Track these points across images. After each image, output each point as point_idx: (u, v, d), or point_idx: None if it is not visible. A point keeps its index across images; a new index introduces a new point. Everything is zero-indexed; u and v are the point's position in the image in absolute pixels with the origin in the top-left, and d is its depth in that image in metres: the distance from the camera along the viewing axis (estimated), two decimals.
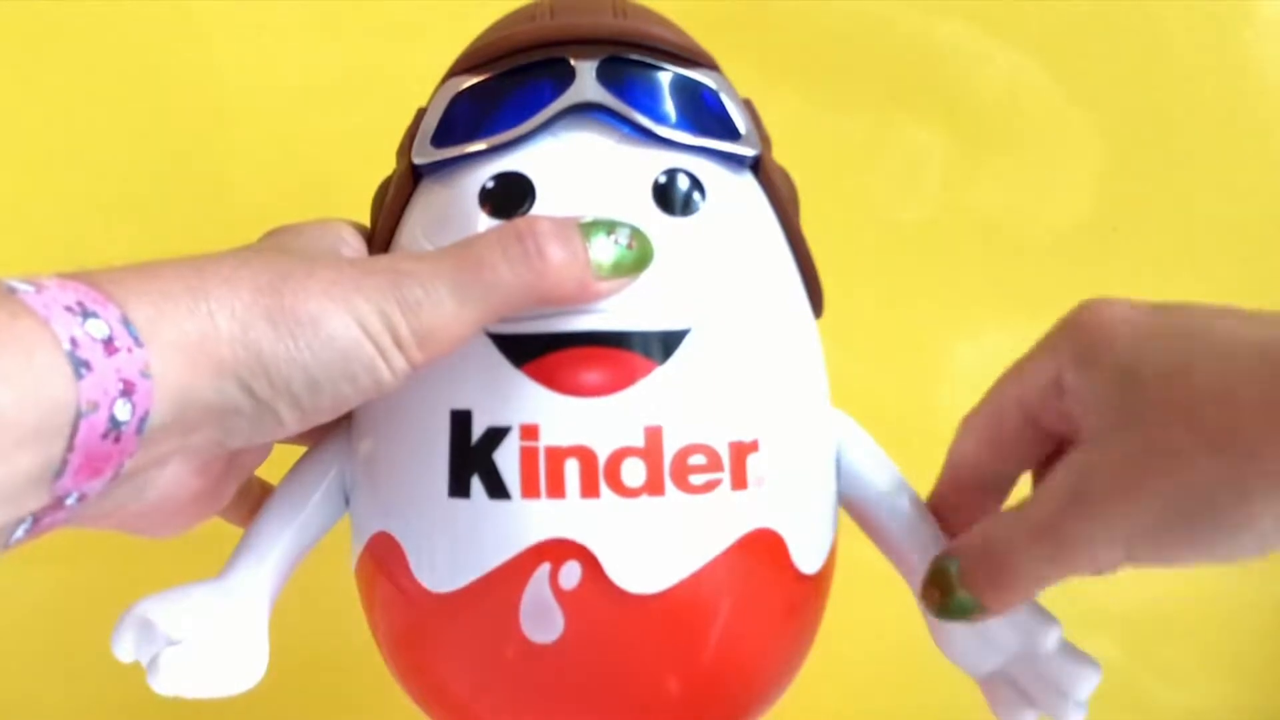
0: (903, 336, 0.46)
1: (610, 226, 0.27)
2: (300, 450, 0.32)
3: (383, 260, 0.27)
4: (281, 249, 0.28)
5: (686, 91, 0.30)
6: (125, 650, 0.28)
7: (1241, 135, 0.51)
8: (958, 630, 0.30)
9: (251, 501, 0.33)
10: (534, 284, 0.26)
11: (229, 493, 0.31)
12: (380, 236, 0.31)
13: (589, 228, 0.27)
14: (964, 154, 0.50)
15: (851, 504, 0.32)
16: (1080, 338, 0.27)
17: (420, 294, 0.25)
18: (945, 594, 0.28)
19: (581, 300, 0.27)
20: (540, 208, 0.29)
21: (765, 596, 0.29)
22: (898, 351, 0.46)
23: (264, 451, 0.32)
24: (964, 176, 0.48)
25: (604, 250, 0.27)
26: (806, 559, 0.30)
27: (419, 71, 0.33)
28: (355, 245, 0.30)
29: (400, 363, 0.25)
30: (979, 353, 0.50)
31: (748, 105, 0.32)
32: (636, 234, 0.27)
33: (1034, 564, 0.26)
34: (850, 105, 0.50)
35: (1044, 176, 0.42)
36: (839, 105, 0.50)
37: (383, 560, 0.30)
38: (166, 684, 0.27)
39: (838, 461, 0.32)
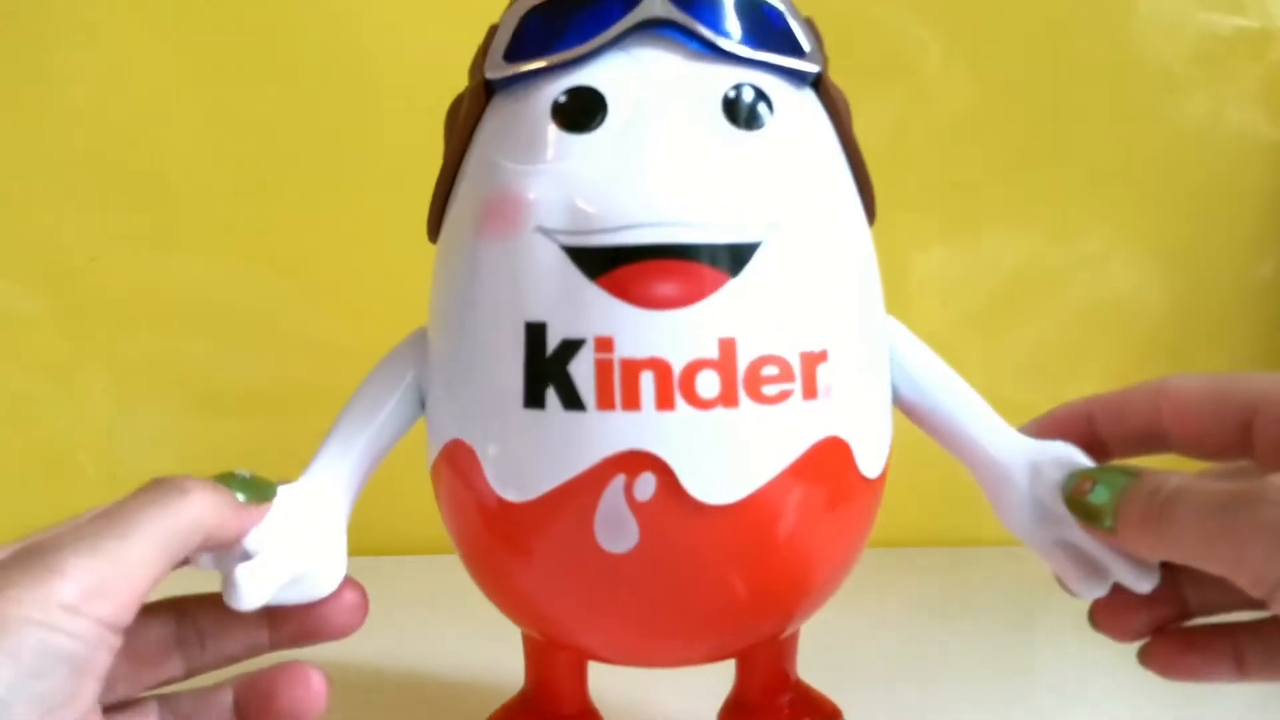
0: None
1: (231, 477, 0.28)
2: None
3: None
4: None
5: (752, 8, 0.30)
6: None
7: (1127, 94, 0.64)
8: (1018, 498, 0.30)
9: None
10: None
11: None
12: (453, 152, 0.31)
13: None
14: None
15: (913, 405, 0.33)
16: None
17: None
18: (1093, 493, 0.28)
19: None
20: (612, 120, 0.29)
21: (832, 502, 0.30)
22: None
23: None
24: None
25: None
26: (869, 463, 0.31)
27: None
28: None
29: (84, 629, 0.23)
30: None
31: (809, 23, 0.32)
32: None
33: (1197, 535, 0.25)
34: None
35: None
36: None
37: (458, 466, 0.30)
38: (245, 597, 0.27)
39: (892, 365, 0.33)
